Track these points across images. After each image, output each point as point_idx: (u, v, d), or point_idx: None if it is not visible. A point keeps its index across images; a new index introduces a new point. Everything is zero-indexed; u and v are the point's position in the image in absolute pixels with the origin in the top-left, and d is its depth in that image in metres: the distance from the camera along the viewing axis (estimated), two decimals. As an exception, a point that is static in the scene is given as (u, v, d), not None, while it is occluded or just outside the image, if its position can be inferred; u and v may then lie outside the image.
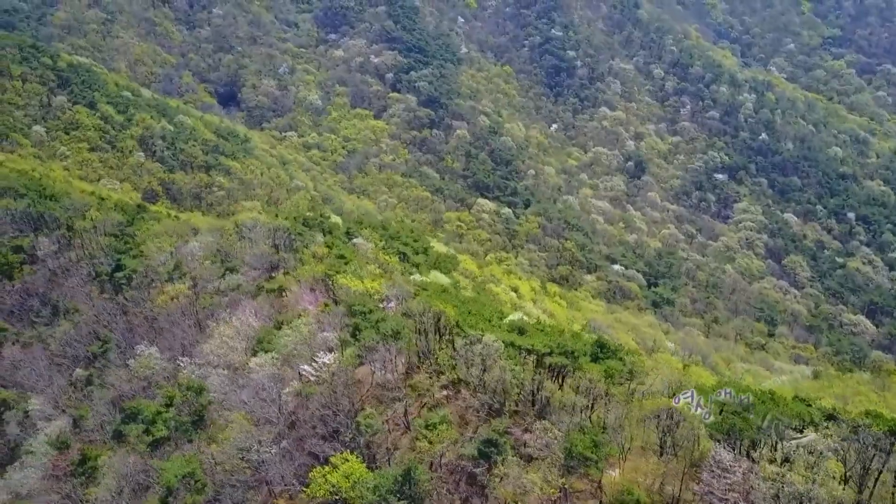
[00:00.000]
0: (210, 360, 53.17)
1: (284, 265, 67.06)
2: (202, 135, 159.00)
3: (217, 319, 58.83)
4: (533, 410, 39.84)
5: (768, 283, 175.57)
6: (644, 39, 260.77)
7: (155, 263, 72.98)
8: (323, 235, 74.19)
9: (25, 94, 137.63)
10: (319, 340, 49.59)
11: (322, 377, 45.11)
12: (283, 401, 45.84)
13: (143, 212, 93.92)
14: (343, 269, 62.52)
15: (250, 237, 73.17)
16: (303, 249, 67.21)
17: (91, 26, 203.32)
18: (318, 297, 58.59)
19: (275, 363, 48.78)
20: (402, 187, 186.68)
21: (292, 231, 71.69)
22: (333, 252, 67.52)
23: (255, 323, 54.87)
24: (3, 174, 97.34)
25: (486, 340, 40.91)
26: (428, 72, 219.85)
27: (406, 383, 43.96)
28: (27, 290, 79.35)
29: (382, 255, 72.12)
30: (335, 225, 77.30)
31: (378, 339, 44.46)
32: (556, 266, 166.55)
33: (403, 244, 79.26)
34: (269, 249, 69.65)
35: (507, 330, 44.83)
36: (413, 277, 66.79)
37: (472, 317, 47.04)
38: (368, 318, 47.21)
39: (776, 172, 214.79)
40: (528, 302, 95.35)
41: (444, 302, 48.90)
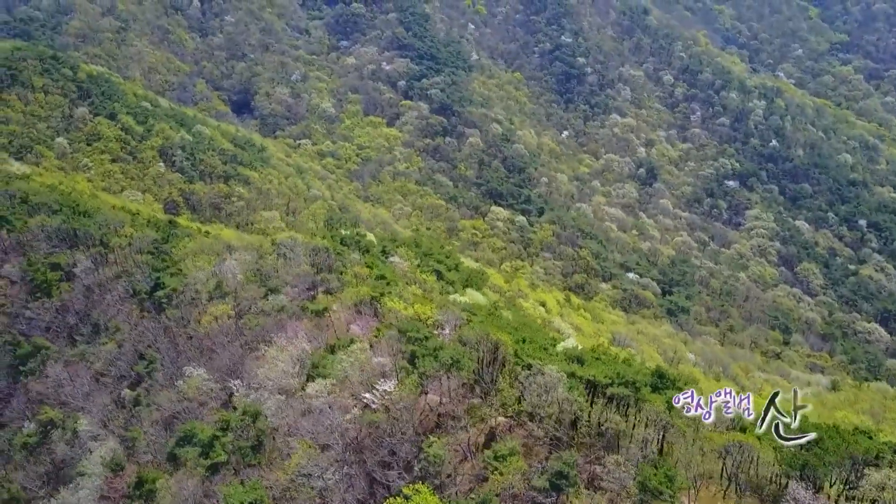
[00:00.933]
0: (264, 384, 53.99)
1: (326, 286, 67.95)
2: (220, 144, 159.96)
3: (267, 342, 59.67)
4: (601, 442, 40.76)
5: (782, 291, 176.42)
6: (653, 46, 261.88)
7: (195, 282, 73.80)
8: (359, 254, 75.06)
9: (47, 106, 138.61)
10: (374, 366, 50.51)
11: (384, 404, 46.02)
12: (345, 427, 46.75)
13: (175, 227, 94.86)
14: (387, 290, 63.44)
15: (289, 256, 74.09)
16: (344, 270, 68.03)
17: (106, 35, 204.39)
18: (368, 320, 59.48)
19: (332, 389, 49.68)
20: (416, 195, 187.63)
21: (331, 250, 72.59)
22: (374, 272, 68.41)
23: (307, 347, 55.75)
24: (35, 189, 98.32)
25: (549, 372, 41.82)
26: (440, 79, 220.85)
27: (467, 412, 44.88)
28: (65, 308, 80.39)
29: (420, 273, 73.01)
30: (371, 243, 78.22)
31: (437, 367, 45.37)
32: (572, 274, 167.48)
33: (437, 261, 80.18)
34: (310, 269, 70.53)
35: (564, 359, 45.71)
36: (452, 297, 67.65)
37: (528, 345, 47.91)
38: (425, 345, 48.07)
39: (787, 179, 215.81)
40: (556, 316, 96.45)
41: (497, 328, 49.80)
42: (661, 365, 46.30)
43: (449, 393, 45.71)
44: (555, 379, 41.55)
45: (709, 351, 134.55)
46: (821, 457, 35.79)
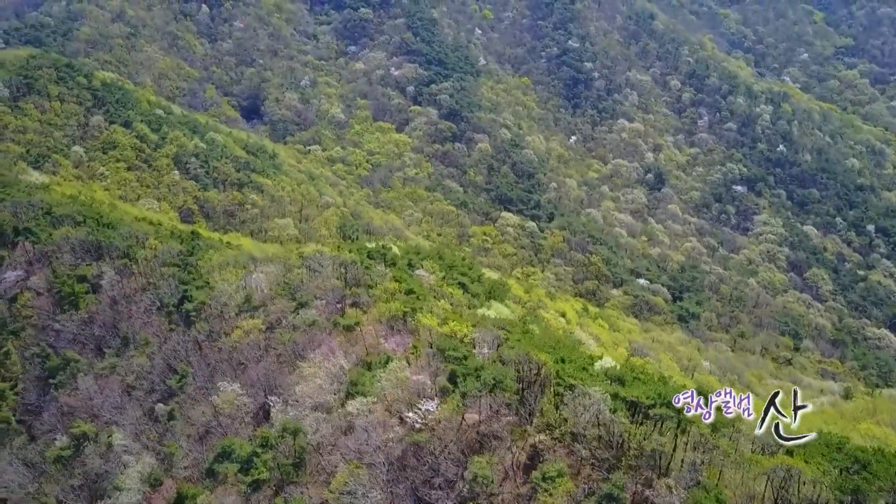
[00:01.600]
0: (302, 401, 54.63)
1: (356, 300, 68.61)
2: (232, 151, 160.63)
3: (302, 357, 60.33)
4: (647, 464, 41.42)
5: (791, 297, 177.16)
6: (660, 51, 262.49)
7: (223, 295, 74.47)
8: (385, 266, 75.65)
9: (63, 114, 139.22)
10: (413, 384, 51.17)
11: (427, 423, 46.69)
12: (388, 446, 47.41)
13: (197, 238, 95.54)
14: (418, 305, 64.11)
15: (316, 269, 74.74)
16: (375, 285, 68.68)
17: (116, 41, 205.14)
18: (402, 336, 60.12)
19: (373, 407, 50.35)
20: (426, 201, 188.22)
21: (359, 264, 73.25)
22: (402, 286, 69.06)
23: (345, 363, 56.42)
24: (58, 200, 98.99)
25: (593, 392, 42.51)
26: (448, 84, 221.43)
27: (508, 432, 45.53)
28: (92, 320, 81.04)
29: (446, 287, 73.66)
30: (396, 256, 78.88)
31: (480, 387, 46.03)
32: (583, 281, 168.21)
33: (461, 274, 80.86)
34: (339, 283, 71.20)
35: (604, 379, 46.38)
36: (480, 311, 68.31)
37: (568, 365, 48.55)
38: (465, 364, 48.74)
39: (795, 184, 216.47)
40: (576, 327, 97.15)
41: (535, 346, 50.46)
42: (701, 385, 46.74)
43: (490, 412, 46.38)
44: (599, 400, 42.21)
45: (722, 358, 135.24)
46: (871, 481, 36.45)
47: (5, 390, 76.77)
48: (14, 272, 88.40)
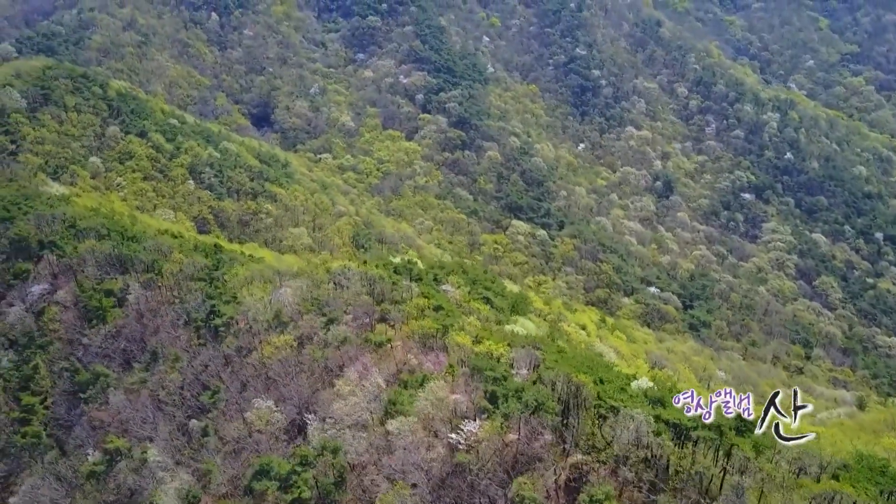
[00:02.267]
0: (341, 419, 55.28)
1: (385, 316, 69.28)
2: (246, 160, 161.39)
3: (337, 375, 61.02)
4: (693, 487, 42.13)
5: (801, 305, 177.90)
6: (667, 58, 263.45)
7: (251, 310, 75.15)
8: (410, 281, 76.31)
9: (80, 125, 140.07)
10: (452, 404, 51.84)
11: (469, 444, 47.37)
12: (431, 466, 48.08)
13: (220, 251, 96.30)
14: (448, 321, 64.80)
15: (344, 285, 75.47)
16: (404, 301, 69.39)
17: (128, 49, 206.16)
18: (437, 355, 60.78)
19: (413, 427, 51.02)
20: (437, 209, 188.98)
21: (386, 279, 73.97)
22: (431, 302, 69.76)
23: (381, 382, 57.10)
24: (81, 213, 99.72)
25: (636, 415, 43.22)
26: (457, 92, 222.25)
27: (552, 454, 46.22)
28: (120, 334, 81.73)
29: (473, 302, 74.38)
30: (422, 271, 79.60)
31: (521, 408, 46.72)
32: (594, 289, 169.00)
33: (485, 288, 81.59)
34: (368, 299, 71.89)
35: (644, 399, 47.09)
36: (508, 328, 69.04)
37: (608, 386, 49.26)
38: (504, 385, 49.44)
39: (802, 192, 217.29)
40: (595, 339, 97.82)
41: (572, 367, 51.17)
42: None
43: (532, 434, 47.07)
44: (642, 422, 42.91)
45: (735, 367, 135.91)
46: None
47: (35, 405, 77.54)
48: (40, 286, 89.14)
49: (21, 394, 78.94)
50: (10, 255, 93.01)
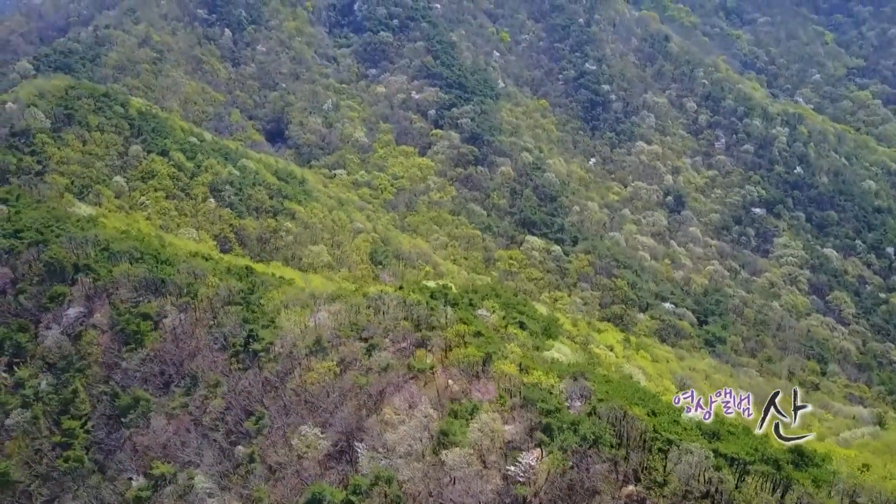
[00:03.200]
0: (393, 448, 56.17)
1: (425, 342, 70.29)
2: (264, 178, 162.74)
3: (383, 402, 61.96)
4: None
5: (815, 320, 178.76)
6: (675, 72, 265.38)
7: (290, 335, 76.18)
8: (447, 306, 77.29)
9: (103, 145, 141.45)
10: (506, 435, 52.78)
11: (528, 477, 48.31)
12: (489, 499, 49.01)
13: (252, 273, 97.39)
14: (491, 349, 65.80)
15: (383, 310, 76.50)
16: (443, 327, 70.40)
17: (143, 66, 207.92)
18: (485, 384, 61.71)
19: (468, 458, 51.93)
20: (451, 225, 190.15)
21: (425, 305, 74.99)
22: (470, 328, 70.76)
23: (433, 412, 58.05)
24: (113, 236, 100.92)
25: (695, 449, 44.19)
26: (469, 108, 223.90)
27: (611, 489, 47.15)
28: (159, 358, 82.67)
29: (510, 328, 75.41)
30: (457, 295, 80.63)
31: (579, 441, 47.67)
32: (610, 305, 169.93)
33: (519, 312, 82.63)
34: (408, 325, 72.88)
35: (699, 433, 48.05)
36: (547, 354, 70.04)
37: (661, 418, 50.23)
38: (559, 416, 50.40)
39: (813, 206, 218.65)
40: (622, 360, 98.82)
41: (625, 398, 52.17)
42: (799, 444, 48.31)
43: (589, 467, 47.99)
44: (701, 456, 43.87)
45: (754, 385, 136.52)
46: None
47: (76, 429, 78.44)
48: (75, 309, 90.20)
49: (61, 417, 79.91)
50: (44, 278, 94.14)
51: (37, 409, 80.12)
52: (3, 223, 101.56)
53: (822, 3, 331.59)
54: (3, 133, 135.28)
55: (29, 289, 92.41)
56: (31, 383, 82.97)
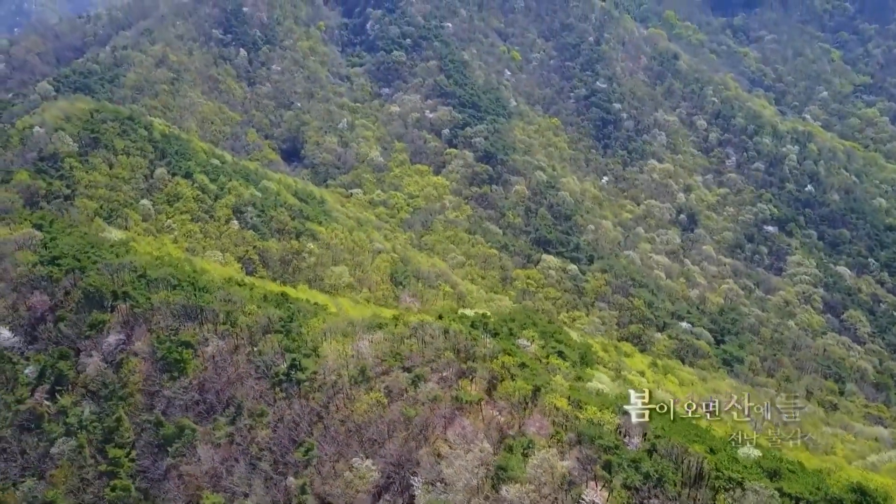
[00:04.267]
0: (451, 483, 57.08)
1: (470, 373, 71.35)
2: (286, 199, 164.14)
3: (435, 435, 62.91)
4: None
5: (832, 339, 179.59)
6: (684, 90, 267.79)
7: (336, 365, 77.23)
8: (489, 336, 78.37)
9: (129, 168, 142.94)
10: (564, 472, 53.75)
11: (592, 515, 49.31)
12: (553, 536, 49.99)
13: (287, 300, 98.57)
14: (538, 381, 66.85)
15: (426, 340, 77.60)
16: (488, 358, 71.47)
17: (161, 86, 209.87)
18: (541, 420, 62.69)
19: (529, 494, 52.89)
20: (468, 244, 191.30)
21: (467, 335, 76.10)
22: (515, 360, 71.84)
23: (489, 446, 59.03)
24: (149, 262, 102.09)
25: (760, 489, 45.21)
26: (483, 127, 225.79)
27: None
28: (202, 387, 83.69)
29: (551, 358, 76.47)
30: (496, 324, 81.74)
31: (642, 480, 48.68)
32: (628, 325, 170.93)
33: (557, 341, 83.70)
34: (452, 356, 73.95)
35: (760, 471, 49.04)
36: (591, 385, 71.07)
37: (720, 454, 51.24)
38: (618, 454, 51.40)
39: (825, 224, 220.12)
40: (654, 385, 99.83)
41: (682, 435, 53.19)
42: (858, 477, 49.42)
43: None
44: (767, 497, 44.91)
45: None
46: None
47: (121, 457, 79.29)
48: (115, 336, 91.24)
49: (106, 446, 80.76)
50: (82, 305, 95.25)
51: (81, 438, 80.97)
52: (40, 249, 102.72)
53: (827, 21, 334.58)
54: (31, 157, 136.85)
55: (69, 316, 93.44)
56: (75, 411, 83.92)
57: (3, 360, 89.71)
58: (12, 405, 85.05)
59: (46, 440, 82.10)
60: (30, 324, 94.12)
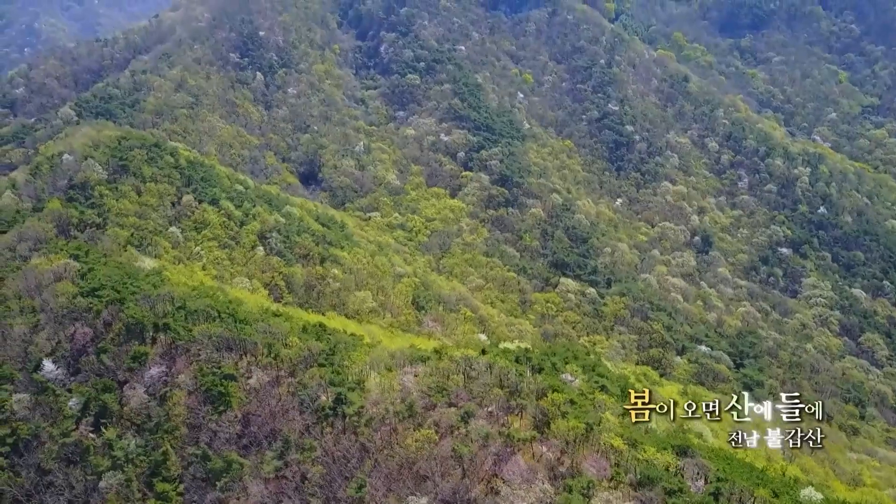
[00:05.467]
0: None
1: (521, 411, 72.28)
2: (309, 224, 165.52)
3: (492, 474, 63.76)
4: None
5: (850, 363, 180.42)
6: (695, 112, 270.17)
7: (383, 400, 78.17)
8: (533, 371, 79.36)
9: (157, 195, 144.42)
10: (627, 513, 54.68)
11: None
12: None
13: (325, 331, 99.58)
14: (589, 419, 67.75)
15: (471, 375, 78.57)
16: (540, 395, 72.40)
17: (181, 111, 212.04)
18: (599, 461, 63.55)
19: (595, 537, 53.79)
20: (485, 267, 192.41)
21: (512, 370, 77.09)
22: (563, 396, 72.78)
23: (549, 487, 59.88)
24: (187, 293, 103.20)
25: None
26: (497, 150, 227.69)
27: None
28: (247, 420, 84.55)
29: (597, 394, 77.42)
30: (540, 358, 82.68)
31: (710, 523, 49.60)
32: (647, 348, 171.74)
33: (599, 375, 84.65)
34: (500, 392, 74.88)
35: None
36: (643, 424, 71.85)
37: (782, 498, 52.17)
38: (682, 497, 52.30)
39: (839, 246, 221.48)
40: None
41: (744, 478, 54.12)
42: None
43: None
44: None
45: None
46: None
47: (169, 492, 80.00)
48: (157, 368, 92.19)
49: (153, 480, 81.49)
50: (123, 337, 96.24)
51: (129, 471, 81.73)
52: (79, 281, 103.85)
53: (834, 43, 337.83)
54: (62, 185, 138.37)
55: (110, 348, 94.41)
56: (121, 444, 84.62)
57: (48, 393, 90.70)
58: (58, 438, 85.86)
59: (93, 473, 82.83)
60: (72, 356, 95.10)
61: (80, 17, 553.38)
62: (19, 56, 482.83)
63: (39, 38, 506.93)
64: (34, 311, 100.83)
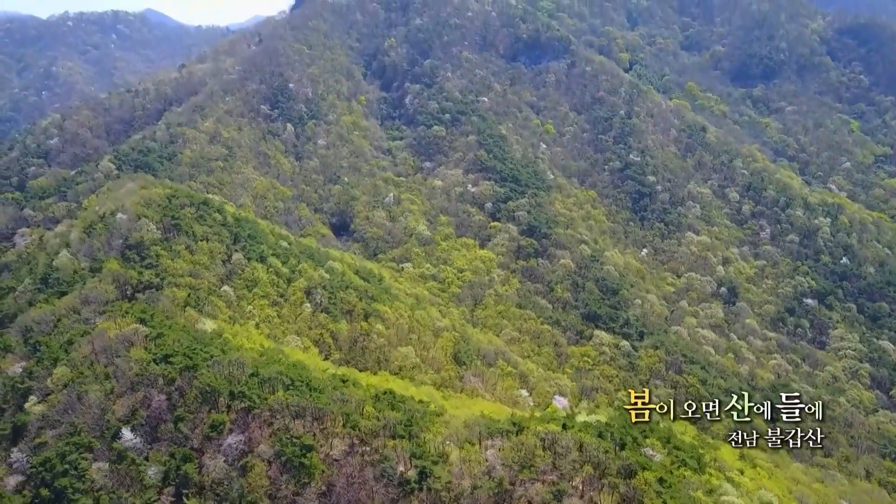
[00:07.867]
0: None
1: (614, 489, 73.81)
2: (351, 279, 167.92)
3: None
4: None
5: (884, 417, 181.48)
6: (714, 163, 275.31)
7: (469, 475, 79.59)
8: (617, 447, 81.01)
9: (208, 254, 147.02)
10: None
11: None
12: None
13: (394, 398, 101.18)
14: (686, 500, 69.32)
15: (552, 448, 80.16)
16: (630, 474, 74.01)
17: (216, 163, 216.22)
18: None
19: None
20: (519, 319, 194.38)
21: (597, 445, 78.72)
22: (655, 475, 74.36)
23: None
24: (258, 360, 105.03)
25: None
26: (524, 201, 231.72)
27: None
28: (330, 493, 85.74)
29: (681, 469, 78.97)
30: (621, 432, 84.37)
31: None
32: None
33: (675, 447, 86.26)
34: (590, 470, 76.44)
35: None
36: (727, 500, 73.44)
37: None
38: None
39: (864, 297, 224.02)
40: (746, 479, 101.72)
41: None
42: None
43: None
44: None
45: (849, 492, 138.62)
46: None
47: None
48: (235, 437, 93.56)
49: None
50: (199, 405, 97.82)
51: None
52: (150, 346, 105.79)
53: (844, 93, 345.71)
54: (117, 244, 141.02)
55: (187, 416, 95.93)
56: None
57: (127, 462, 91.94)
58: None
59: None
60: (148, 423, 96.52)
61: (97, 62, 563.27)
62: (37, 99, 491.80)
63: (57, 81, 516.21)
64: (108, 378, 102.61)
